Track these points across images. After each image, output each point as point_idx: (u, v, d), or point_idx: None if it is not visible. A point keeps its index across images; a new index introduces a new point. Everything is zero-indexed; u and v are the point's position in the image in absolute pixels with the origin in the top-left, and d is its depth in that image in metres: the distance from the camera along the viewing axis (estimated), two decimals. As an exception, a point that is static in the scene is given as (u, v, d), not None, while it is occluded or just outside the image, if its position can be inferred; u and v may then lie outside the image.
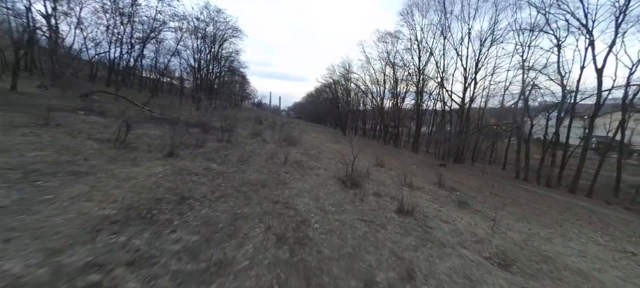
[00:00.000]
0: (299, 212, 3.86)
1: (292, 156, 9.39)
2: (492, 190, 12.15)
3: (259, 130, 17.13)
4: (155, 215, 2.86)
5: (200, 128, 12.39)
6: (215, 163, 6.08)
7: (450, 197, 8.36)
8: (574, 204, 12.21)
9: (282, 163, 7.77)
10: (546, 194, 13.85)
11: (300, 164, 8.19)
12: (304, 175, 6.66)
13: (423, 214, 5.22)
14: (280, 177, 5.95)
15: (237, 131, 15.66)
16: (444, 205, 7.10)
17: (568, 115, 17.91)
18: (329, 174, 7.45)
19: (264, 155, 8.88)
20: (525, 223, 7.21)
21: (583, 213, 10.52)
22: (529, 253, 4.65)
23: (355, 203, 5.05)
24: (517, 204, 10.06)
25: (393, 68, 30.05)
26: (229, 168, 5.88)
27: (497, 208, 7.33)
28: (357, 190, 6.08)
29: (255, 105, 76.20)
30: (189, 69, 35.75)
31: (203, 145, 8.00)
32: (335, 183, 6.44)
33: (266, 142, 13.06)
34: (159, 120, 12.68)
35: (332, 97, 44.35)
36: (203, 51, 29.72)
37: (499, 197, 10.85)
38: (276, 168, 6.95)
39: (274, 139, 15.05)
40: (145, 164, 4.83)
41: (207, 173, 4.99)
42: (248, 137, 13.80)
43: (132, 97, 22.92)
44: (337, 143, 21.13)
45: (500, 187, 13.47)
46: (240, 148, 9.36)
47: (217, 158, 6.69)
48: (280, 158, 8.56)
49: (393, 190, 7.40)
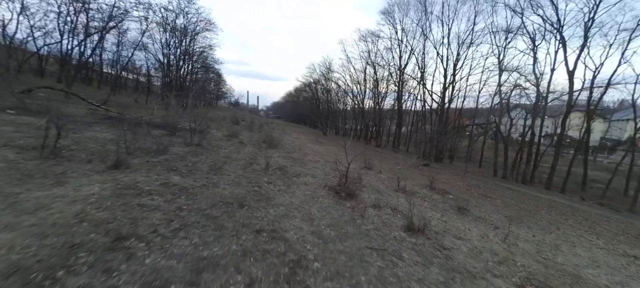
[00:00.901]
0: (290, 245, 2.85)
1: (274, 161, 8.30)
2: (480, 191, 11.95)
3: (235, 131, 15.70)
4: (58, 281, 1.72)
5: (166, 129, 10.82)
6: (178, 174, 4.85)
7: (447, 202, 7.79)
8: (555, 202, 12.40)
9: (263, 171, 6.67)
10: (528, 192, 14.04)
11: (284, 171, 7.14)
12: (291, 185, 5.64)
13: (433, 231, 4.46)
14: (263, 190, 4.88)
15: (210, 133, 14.16)
16: (445, 213, 6.46)
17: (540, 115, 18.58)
18: (318, 182, 6.49)
19: (242, 160, 7.70)
20: (526, 228, 6.80)
21: (567, 212, 10.58)
22: (554, 271, 4.05)
23: (356, 221, 4.15)
24: (507, 205, 9.82)
25: (374, 67, 29.84)
26: (197, 180, 4.69)
27: (510, 220, 6.84)
28: (353, 202, 5.19)
29: (232, 104, 72.97)
30: (158, 65, 32.91)
31: (166, 151, 6.65)
32: (328, 194, 5.50)
33: (244, 144, 11.79)
34: (117, 120, 10.89)
35: (313, 97, 43.42)
36: (173, 45, 27.31)
37: (489, 199, 10.60)
38: (257, 177, 5.85)
39: (252, 141, 13.77)
40: (74, 182, 3.54)
41: (164, 191, 3.80)
42: (223, 139, 12.41)
43: (88, 94, 20.44)
44: (319, 144, 20.24)
45: (486, 187, 13.39)
46: (213, 153, 8.08)
47: (182, 167, 5.44)
48: (260, 164, 7.44)
49: (390, 198, 6.63)
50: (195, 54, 30.66)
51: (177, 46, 27.11)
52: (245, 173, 6.03)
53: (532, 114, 17.22)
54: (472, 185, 13.53)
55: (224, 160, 7.25)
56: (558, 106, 20.78)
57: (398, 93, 27.35)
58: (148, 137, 8.77)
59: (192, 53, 29.95)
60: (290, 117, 65.41)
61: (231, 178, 5.36)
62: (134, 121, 11.34)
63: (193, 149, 7.81)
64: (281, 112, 78.83)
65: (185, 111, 9.59)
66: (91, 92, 22.46)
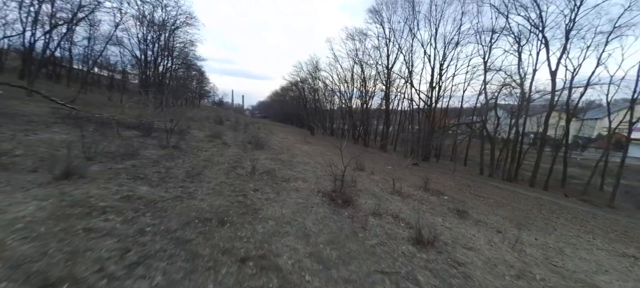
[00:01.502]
0: (285, 277, 2.25)
1: (260, 164, 7.61)
2: (472, 191, 11.83)
3: (219, 131, 14.77)
4: None
5: (140, 130, 9.81)
6: (147, 184, 4.10)
7: (444, 205, 7.45)
8: (543, 199, 12.53)
9: (248, 176, 6.00)
10: (516, 190, 14.17)
11: (272, 175, 6.49)
12: (280, 192, 5.01)
13: (442, 241, 4.00)
14: (248, 199, 4.23)
15: (191, 133, 13.18)
16: (446, 218, 6.08)
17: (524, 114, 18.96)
18: (310, 187, 5.90)
19: (224, 164, 6.96)
20: (526, 230, 6.56)
21: (556, 210, 10.64)
22: (573, 283, 3.72)
23: (358, 235, 3.61)
24: (501, 205, 9.69)
25: (361, 66, 29.57)
26: (169, 191, 3.97)
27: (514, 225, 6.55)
28: (351, 210, 4.65)
29: (216, 104, 70.49)
30: (134, 62, 30.90)
31: (136, 154, 5.81)
32: (323, 201, 4.93)
33: (227, 145, 10.97)
34: (84, 120, 9.74)
35: (299, 96, 42.64)
36: (150, 41, 25.65)
37: (482, 198, 10.45)
38: (241, 183, 5.18)
39: (237, 142, 12.94)
40: (3, 200, 2.74)
41: (125, 208, 3.07)
42: (204, 140, 11.51)
43: (55, 92, 18.82)
44: (307, 144, 19.65)
45: (476, 186, 13.34)
46: (192, 156, 7.28)
47: (152, 174, 4.67)
48: (246, 168, 6.75)
49: (388, 202, 6.16)
50: (175, 50, 29.03)
51: (155, 41, 25.47)
52: (228, 179, 5.33)
53: (516, 113, 17.50)
54: (463, 184, 13.45)
55: (205, 164, 6.49)
56: (536, 106, 21.36)
57: (386, 92, 27.24)
58: (117, 139, 7.82)
59: (171, 49, 28.32)
60: (276, 117, 64.23)
61: (211, 186, 4.66)
62: (102, 121, 10.24)
63: (169, 152, 6.97)
64: (267, 112, 77.30)
65: (162, 110, 8.67)
66: (59, 90, 20.58)
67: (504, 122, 21.59)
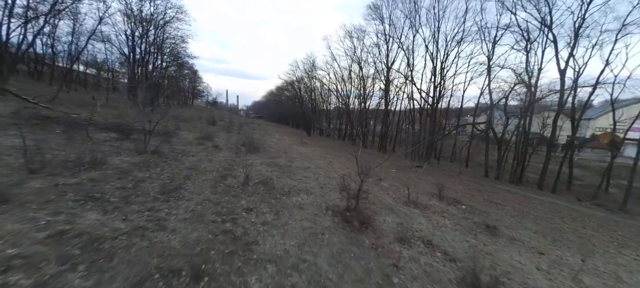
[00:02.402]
0: None
1: (255, 170, 6.56)
2: (484, 196, 10.94)
3: (210, 132, 13.63)
4: None
5: (118, 132, 8.63)
6: (100, 208, 3.02)
7: (468, 217, 6.51)
8: (558, 205, 11.74)
9: (241, 188, 4.94)
10: (527, 195, 13.37)
11: (269, 186, 5.44)
12: (280, 212, 3.97)
13: (492, 275, 3.02)
14: (238, 228, 3.18)
15: (179, 135, 12.03)
16: (477, 236, 5.14)
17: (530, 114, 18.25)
18: (316, 201, 4.87)
19: (213, 172, 5.88)
20: (565, 249, 5.67)
21: (578, 217, 9.81)
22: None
23: (393, 280, 2.60)
24: (523, 214, 8.79)
25: (359, 65, 28.65)
26: (130, 219, 2.90)
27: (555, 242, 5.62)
28: (372, 236, 3.65)
29: (210, 103, 68.77)
30: (123, 59, 29.40)
31: (102, 163, 4.70)
32: (334, 222, 3.91)
33: (218, 149, 9.87)
34: (52, 121, 8.52)
35: (295, 96, 41.52)
36: (138, 36, 24.23)
37: (497, 205, 9.57)
38: (231, 201, 4.12)
39: (229, 144, 11.84)
40: None
41: (44, 258, 2.00)
42: (193, 142, 10.39)
43: (37, 90, 17.52)
44: (305, 145, 18.63)
45: (487, 191, 12.48)
46: (174, 162, 6.17)
47: (113, 192, 3.58)
48: (238, 177, 5.69)
49: (410, 219, 5.18)
50: (165, 47, 27.61)
51: (142, 36, 24.06)
52: (214, 194, 4.27)
53: (523, 113, 16.77)
54: (473, 188, 12.59)
55: (188, 173, 5.41)
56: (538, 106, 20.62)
57: (385, 91, 26.33)
58: (86, 143, 6.67)
59: (160, 45, 26.92)
60: (271, 117, 62.97)
61: (191, 206, 3.59)
62: (74, 122, 9.02)
63: (145, 159, 5.85)
64: (262, 112, 75.87)
65: (148, 109, 7.51)
66: (40, 88, 19.11)
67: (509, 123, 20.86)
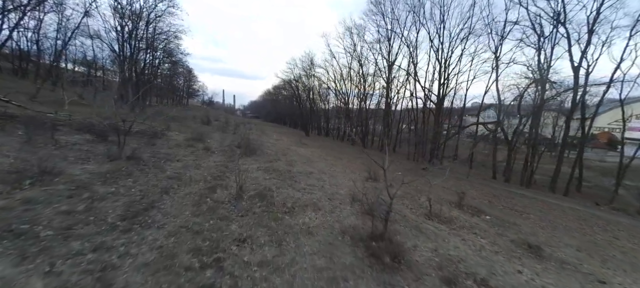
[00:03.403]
0: None
1: (251, 179, 5.56)
2: (502, 203, 10.04)
3: (203, 133, 12.59)
4: None
5: (94, 133, 7.55)
6: (14, 253, 2.01)
7: (502, 234, 5.58)
8: (579, 211, 10.89)
9: (232, 204, 3.95)
10: (545, 200, 12.50)
11: (268, 200, 4.44)
12: (283, 243, 2.99)
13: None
14: (226, 277, 2.20)
15: (168, 136, 10.99)
16: (521, 260, 4.21)
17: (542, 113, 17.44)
18: (328, 222, 3.89)
19: (199, 182, 4.87)
20: (621, 272, 4.75)
21: (608, 227, 8.91)
22: None
23: None
24: (552, 225, 7.86)
25: (360, 62, 27.71)
26: (57, 270, 1.90)
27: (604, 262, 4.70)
28: (409, 275, 2.69)
29: (206, 103, 67.37)
30: (114, 57, 28.10)
31: (57, 172, 3.67)
32: (357, 258, 2.93)
33: (210, 152, 8.84)
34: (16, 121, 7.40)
35: (293, 95, 40.45)
36: (128, 32, 22.99)
37: (519, 213, 8.66)
38: (217, 227, 3.12)
39: (223, 146, 10.81)
40: None
41: None
42: (183, 144, 9.35)
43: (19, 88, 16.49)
44: (304, 146, 17.67)
45: (502, 196, 11.60)
46: (154, 170, 5.15)
47: (53, 218, 2.56)
48: (230, 188, 4.69)
49: (441, 241, 4.22)
50: (156, 43, 26.35)
51: (131, 32, 22.82)
52: (196, 216, 3.27)
53: (535, 111, 15.93)
54: (486, 193, 11.70)
55: (168, 184, 4.39)
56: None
57: (386, 89, 25.41)
58: (48, 147, 5.62)
59: (151, 41, 25.67)
60: (268, 117, 61.81)
61: (160, 239, 2.59)
62: (43, 122, 7.92)
63: (117, 167, 4.81)
64: (259, 112, 74.57)
65: (112, 105, 6.43)
66: (25, 86, 17.90)
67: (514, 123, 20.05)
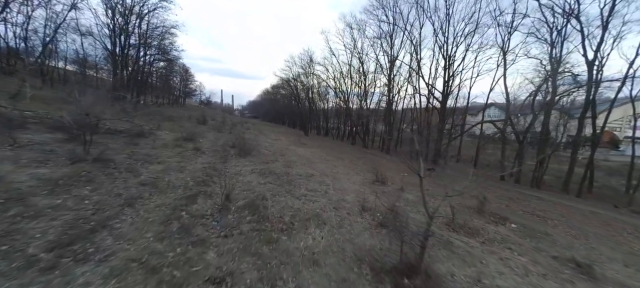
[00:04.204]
0: None
1: (242, 184, 4.70)
2: (522, 207, 9.20)
3: (196, 132, 11.71)
4: None
5: (65, 132, 6.66)
6: None
7: (540, 248, 4.74)
8: (602, 215, 10.08)
9: (214, 217, 3.09)
10: (560, 202, 11.69)
11: (260, 214, 3.58)
12: (277, 277, 2.13)
13: None
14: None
15: (157, 135, 10.10)
16: (573, 285, 3.36)
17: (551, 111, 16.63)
18: (339, 246, 3.04)
19: (178, 190, 4.00)
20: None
21: (633, 230, 8.15)
22: None
23: None
24: (585, 234, 7.01)
25: (360, 60, 26.86)
26: None
27: None
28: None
29: (203, 103, 66.22)
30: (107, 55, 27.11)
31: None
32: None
33: (199, 152, 7.96)
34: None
35: (292, 94, 39.54)
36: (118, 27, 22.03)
37: (542, 219, 7.83)
38: (185, 257, 2.26)
39: (216, 146, 9.93)
40: None
41: None
42: (170, 145, 8.47)
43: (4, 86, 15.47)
44: (303, 146, 16.83)
45: (519, 199, 10.78)
46: (125, 175, 4.27)
47: None
48: (215, 195, 3.83)
49: (479, 263, 3.38)
50: (149, 39, 25.34)
51: (121, 27, 21.86)
52: (160, 241, 2.40)
53: (547, 109, 15.12)
54: (500, 195, 10.86)
55: (136, 193, 3.52)
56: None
57: (388, 87, 24.54)
58: (3, 146, 4.74)
59: (143, 36, 24.69)
60: (267, 116, 60.84)
61: (95, 282, 1.72)
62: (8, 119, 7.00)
63: (76, 171, 3.92)
64: (258, 111, 73.55)
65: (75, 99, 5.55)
66: (10, 84, 16.96)
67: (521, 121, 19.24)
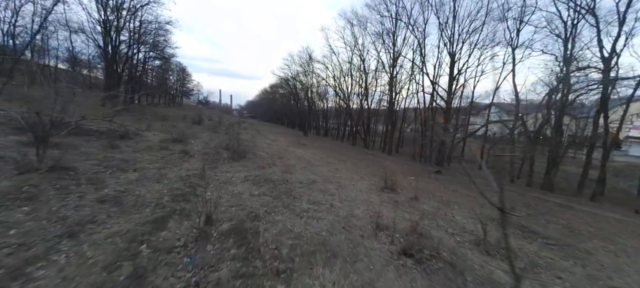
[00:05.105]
0: None
1: (232, 196, 3.85)
2: (545, 217, 8.40)
3: (187, 133, 10.84)
4: None
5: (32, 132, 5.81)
6: None
7: (592, 276, 3.90)
8: (629, 222, 9.28)
9: (186, 250, 2.25)
10: (582, 209, 10.90)
11: (250, 243, 2.72)
12: None
13: None
14: None
15: (143, 136, 9.25)
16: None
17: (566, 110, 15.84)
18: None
19: (148, 206, 3.14)
20: None
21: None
22: None
23: None
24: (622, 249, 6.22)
25: (361, 57, 26.02)
26: None
27: None
28: None
29: (201, 102, 65.19)
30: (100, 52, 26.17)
31: None
32: None
33: (188, 155, 7.09)
34: None
35: (290, 93, 38.65)
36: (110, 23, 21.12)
37: (574, 231, 7.01)
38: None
39: (208, 148, 9.06)
40: None
41: None
42: (155, 147, 7.60)
43: None
44: (302, 147, 16.00)
45: (538, 205, 9.97)
46: (81, 188, 3.41)
47: None
48: (193, 215, 2.99)
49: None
50: (144, 35, 24.40)
51: (111, 23, 20.94)
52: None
53: (560, 109, 14.34)
54: (515, 200, 10.07)
55: (88, 216, 2.66)
56: None
57: (390, 85, 23.72)
58: None
59: (138, 35, 23.78)
60: (265, 116, 59.92)
61: None
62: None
63: (19, 184, 3.06)
64: (256, 111, 72.56)
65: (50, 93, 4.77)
66: None
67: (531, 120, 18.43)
